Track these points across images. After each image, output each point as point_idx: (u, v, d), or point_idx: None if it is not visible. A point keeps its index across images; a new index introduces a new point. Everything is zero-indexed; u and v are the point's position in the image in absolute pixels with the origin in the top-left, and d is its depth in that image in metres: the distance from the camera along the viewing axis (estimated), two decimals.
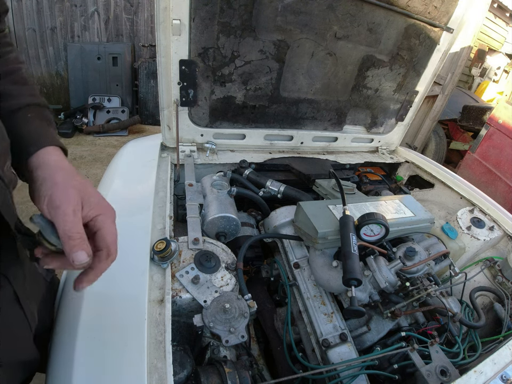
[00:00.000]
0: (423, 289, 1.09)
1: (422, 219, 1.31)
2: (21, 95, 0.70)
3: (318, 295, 1.19)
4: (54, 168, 0.62)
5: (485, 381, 0.88)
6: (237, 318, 0.93)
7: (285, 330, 1.16)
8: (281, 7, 1.38)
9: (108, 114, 5.34)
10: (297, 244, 1.36)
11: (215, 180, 1.52)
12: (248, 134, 1.78)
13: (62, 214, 0.57)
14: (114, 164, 1.54)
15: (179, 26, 1.29)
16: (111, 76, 5.42)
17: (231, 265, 1.10)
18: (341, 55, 1.64)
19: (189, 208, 1.29)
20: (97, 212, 0.63)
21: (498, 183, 3.65)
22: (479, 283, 1.44)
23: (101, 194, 0.67)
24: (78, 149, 4.65)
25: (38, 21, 4.99)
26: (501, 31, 6.82)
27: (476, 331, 1.20)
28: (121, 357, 0.74)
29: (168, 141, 1.62)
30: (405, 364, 1.04)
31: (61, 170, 0.63)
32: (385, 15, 1.56)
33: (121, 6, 5.30)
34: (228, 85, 1.55)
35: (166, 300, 0.86)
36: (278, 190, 1.54)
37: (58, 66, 5.38)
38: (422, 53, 1.79)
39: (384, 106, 1.98)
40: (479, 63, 6.35)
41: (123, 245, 1.04)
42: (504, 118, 3.63)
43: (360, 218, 1.12)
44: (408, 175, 2.17)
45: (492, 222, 1.59)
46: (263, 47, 1.48)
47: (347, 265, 1.01)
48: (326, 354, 1.04)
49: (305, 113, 1.82)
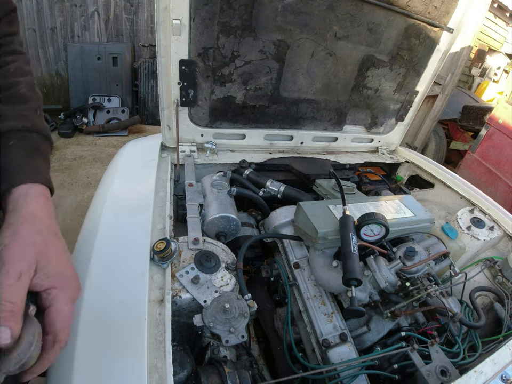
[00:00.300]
0: (423, 289, 1.09)
1: (422, 219, 1.31)
2: (8, 116, 0.61)
3: (318, 295, 1.19)
4: (25, 216, 0.53)
5: (485, 381, 0.88)
6: (237, 318, 0.93)
7: (285, 330, 1.16)
8: (281, 7, 1.38)
9: (107, 114, 5.33)
10: (297, 243, 1.36)
11: (215, 180, 1.52)
12: (248, 134, 1.78)
13: (4, 274, 0.47)
14: (114, 164, 1.54)
15: (179, 26, 1.29)
16: (111, 75, 5.42)
17: (231, 265, 1.10)
18: (341, 55, 1.64)
19: (189, 208, 1.29)
20: (52, 283, 0.52)
21: (498, 183, 3.66)
22: (479, 283, 1.44)
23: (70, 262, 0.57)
24: (78, 149, 4.64)
25: (38, 21, 4.99)
26: (501, 31, 6.82)
27: (476, 331, 1.20)
28: (121, 356, 0.74)
29: (168, 141, 1.62)
30: (405, 363, 1.04)
31: (30, 221, 0.54)
32: (385, 15, 1.56)
33: (121, 6, 5.30)
34: (227, 85, 1.55)
35: (166, 300, 0.86)
36: (278, 190, 1.54)
37: (58, 66, 5.38)
38: (422, 53, 1.79)
39: (384, 106, 1.98)
40: (479, 63, 6.35)
41: (123, 245, 1.04)
42: (504, 118, 3.63)
43: (360, 218, 1.12)
44: (408, 175, 2.17)
45: (492, 222, 1.59)
46: (263, 47, 1.48)
47: (347, 265, 1.01)
48: (326, 354, 1.04)
49: (305, 113, 1.82)
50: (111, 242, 1.04)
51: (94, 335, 0.78)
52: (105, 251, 1.00)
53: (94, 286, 0.88)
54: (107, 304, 0.86)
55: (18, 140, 0.59)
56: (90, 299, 0.85)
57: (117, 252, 1.01)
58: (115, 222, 1.13)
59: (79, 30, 5.28)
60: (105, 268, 0.94)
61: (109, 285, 0.90)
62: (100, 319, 0.82)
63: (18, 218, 0.53)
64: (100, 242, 1.01)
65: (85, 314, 0.81)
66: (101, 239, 1.03)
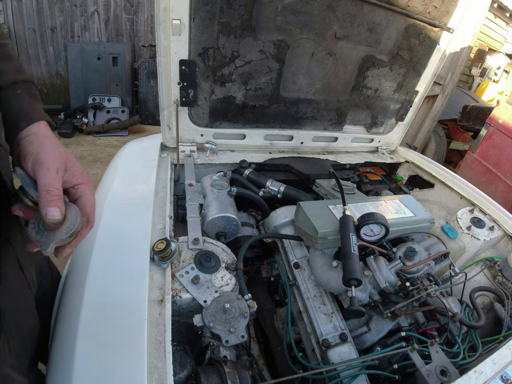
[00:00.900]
0: (423, 289, 1.09)
1: (422, 219, 1.31)
2: (9, 71, 0.71)
3: (318, 295, 1.19)
4: (42, 136, 0.65)
5: (485, 381, 0.88)
6: (237, 318, 0.93)
7: (285, 330, 1.16)
8: (281, 7, 1.38)
9: (108, 114, 5.33)
10: (297, 243, 1.36)
11: (215, 180, 1.52)
12: (248, 134, 1.78)
13: (45, 169, 0.58)
14: (114, 163, 1.54)
15: (179, 26, 1.29)
16: (111, 75, 5.42)
17: (231, 265, 1.10)
18: (341, 55, 1.64)
19: (189, 208, 1.29)
20: (80, 180, 0.65)
21: (498, 183, 3.65)
22: (479, 283, 1.44)
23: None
24: (78, 149, 4.65)
25: (38, 21, 4.99)
26: (501, 31, 6.82)
27: (476, 331, 1.20)
28: (121, 356, 0.74)
29: (168, 141, 1.62)
30: (405, 364, 1.04)
31: (49, 139, 0.66)
32: (385, 15, 1.56)
33: (121, 6, 5.30)
34: (228, 85, 1.55)
35: (166, 300, 0.86)
36: (278, 190, 1.54)
37: (58, 66, 5.38)
38: (422, 53, 1.79)
39: (384, 106, 1.98)
40: (479, 63, 6.35)
41: (123, 245, 1.04)
42: (504, 118, 3.63)
43: (360, 218, 1.12)
44: (408, 175, 2.17)
45: (492, 222, 1.59)
46: (263, 47, 1.48)
47: (347, 265, 1.01)
48: (326, 354, 1.04)
49: (305, 113, 1.82)
50: (111, 242, 1.04)
51: (94, 335, 0.78)
52: (105, 251, 1.00)
53: (94, 286, 0.89)
54: (107, 304, 0.86)
55: (24, 89, 0.72)
56: (91, 299, 0.85)
57: (117, 251, 1.01)
58: (115, 222, 1.13)
59: (79, 30, 5.28)
60: (105, 268, 0.95)
61: (109, 285, 0.90)
62: (100, 319, 0.82)
63: (39, 137, 0.64)
64: (100, 242, 1.01)
65: (85, 314, 0.82)
66: (101, 239, 1.03)
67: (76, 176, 0.64)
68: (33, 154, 0.60)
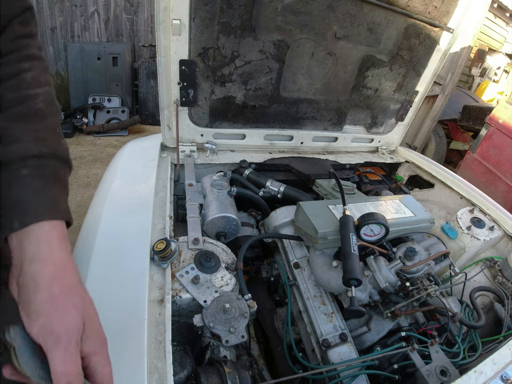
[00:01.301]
0: (423, 289, 1.09)
1: (422, 219, 1.31)
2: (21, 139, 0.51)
3: (318, 295, 1.19)
4: (48, 263, 0.47)
5: (485, 381, 0.88)
6: (237, 318, 0.93)
7: (285, 330, 1.16)
8: (281, 7, 1.38)
9: (108, 114, 5.33)
10: (297, 243, 1.36)
11: (215, 180, 1.52)
12: (248, 134, 1.78)
13: (63, 350, 0.43)
14: (114, 163, 1.54)
15: (179, 26, 1.29)
16: (111, 75, 5.42)
17: (231, 265, 1.10)
18: (341, 55, 1.64)
19: (189, 208, 1.29)
20: (93, 347, 0.49)
21: (498, 183, 3.65)
22: (479, 283, 1.44)
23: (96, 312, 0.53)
24: (78, 149, 4.64)
25: (38, 21, 4.94)
26: (501, 31, 6.81)
27: (476, 331, 1.20)
28: (121, 356, 0.74)
29: (168, 141, 1.62)
30: (405, 364, 1.04)
31: (60, 278, 0.47)
32: (385, 15, 1.56)
33: (121, 6, 5.30)
34: (228, 85, 1.55)
35: (166, 300, 0.86)
36: (278, 190, 1.54)
37: (58, 66, 5.38)
38: (422, 53, 1.79)
39: (384, 106, 1.98)
40: (479, 63, 6.34)
41: (123, 244, 1.04)
42: (504, 118, 3.63)
43: (360, 218, 1.12)
44: (408, 175, 2.17)
45: (492, 222, 1.59)
46: (263, 47, 1.48)
47: (347, 265, 1.01)
48: (326, 354, 1.04)
49: (305, 113, 1.82)
50: (111, 242, 1.04)
51: None
52: (105, 251, 1.00)
53: (94, 286, 0.88)
54: (107, 304, 0.85)
55: (35, 169, 0.51)
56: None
57: (117, 251, 1.01)
58: (115, 222, 1.13)
59: (79, 30, 5.28)
60: (105, 268, 0.94)
61: (109, 285, 0.90)
62: (100, 318, 0.82)
63: (43, 267, 0.46)
64: (100, 242, 1.01)
65: None
66: (101, 239, 1.03)
67: (90, 339, 0.48)
68: (42, 316, 0.44)
